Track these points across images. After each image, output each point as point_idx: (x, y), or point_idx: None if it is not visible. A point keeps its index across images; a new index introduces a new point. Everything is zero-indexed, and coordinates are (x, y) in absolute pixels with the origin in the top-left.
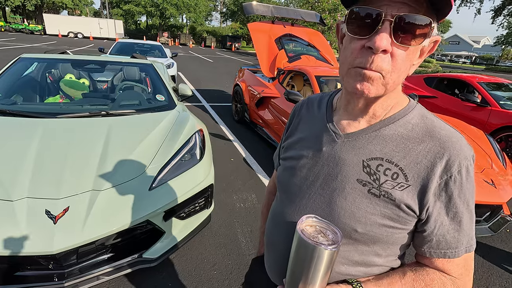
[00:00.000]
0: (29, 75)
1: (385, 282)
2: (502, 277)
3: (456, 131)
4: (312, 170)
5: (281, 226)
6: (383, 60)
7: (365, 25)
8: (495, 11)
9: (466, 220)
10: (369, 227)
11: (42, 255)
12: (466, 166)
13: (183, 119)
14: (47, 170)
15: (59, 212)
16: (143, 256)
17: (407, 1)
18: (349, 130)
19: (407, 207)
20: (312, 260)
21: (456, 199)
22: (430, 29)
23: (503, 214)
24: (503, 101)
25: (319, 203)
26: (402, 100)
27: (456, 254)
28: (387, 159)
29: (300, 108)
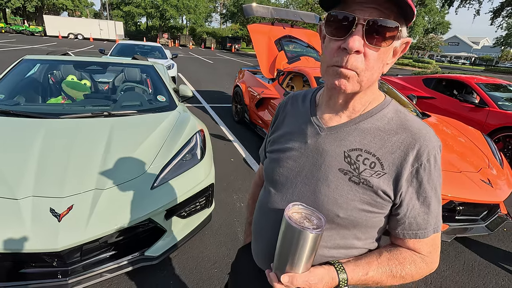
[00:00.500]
0: (32, 76)
1: (363, 262)
2: (499, 275)
3: (425, 124)
4: (298, 161)
5: (268, 215)
6: (357, 60)
7: (341, 27)
8: (494, 12)
9: (434, 203)
10: (350, 212)
11: (47, 252)
12: (434, 155)
13: (184, 120)
14: (51, 169)
15: (64, 210)
16: (145, 254)
17: (378, 6)
18: (331, 123)
19: (383, 193)
20: (298, 243)
21: (425, 185)
22: (398, 32)
23: (500, 213)
24: (501, 101)
25: (305, 191)
26: (378, 96)
27: (426, 235)
28: (365, 150)
29: (286, 104)
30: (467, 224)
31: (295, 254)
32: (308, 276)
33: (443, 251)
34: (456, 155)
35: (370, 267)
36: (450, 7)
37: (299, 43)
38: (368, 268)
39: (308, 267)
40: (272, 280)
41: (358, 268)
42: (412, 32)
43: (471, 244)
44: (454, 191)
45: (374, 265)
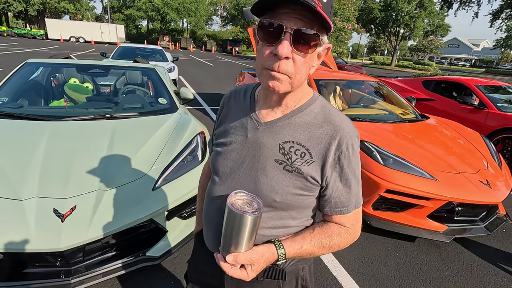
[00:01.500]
0: (35, 79)
1: (299, 237)
2: (497, 275)
3: (346, 117)
4: (240, 153)
5: (215, 203)
6: (287, 65)
7: (271, 34)
8: (493, 14)
9: (354, 184)
10: (285, 196)
11: (50, 252)
12: (351, 144)
13: (185, 122)
14: (55, 170)
15: (67, 210)
16: (147, 254)
17: (302, 17)
18: (267, 119)
19: (312, 178)
20: (240, 226)
21: (346, 169)
22: (320, 40)
23: (499, 214)
24: (500, 103)
25: (247, 181)
26: (307, 92)
27: (348, 210)
28: (296, 142)
29: (229, 99)
30: (466, 225)
31: (238, 236)
32: (250, 254)
33: (442, 252)
34: (455, 156)
35: (304, 241)
36: (449, 10)
37: None
38: (302, 242)
39: (250, 246)
40: (219, 260)
41: (294, 243)
42: (412, 35)
43: (470, 245)
44: (452, 192)
45: (307, 239)
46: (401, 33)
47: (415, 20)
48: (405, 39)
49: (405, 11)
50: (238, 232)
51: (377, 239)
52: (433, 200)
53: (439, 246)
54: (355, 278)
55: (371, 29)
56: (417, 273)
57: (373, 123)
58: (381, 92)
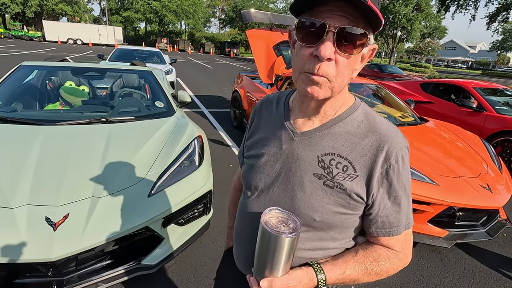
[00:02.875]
0: (30, 82)
1: (341, 261)
2: (499, 281)
3: (393, 126)
4: (274, 167)
5: (247, 220)
6: (329, 67)
7: (312, 34)
8: (490, 17)
9: (404, 202)
10: (325, 215)
11: (41, 262)
12: (401, 156)
13: (182, 126)
14: (47, 177)
15: (59, 219)
16: (142, 262)
17: (347, 14)
18: (304, 128)
19: (356, 195)
20: (276, 248)
21: (395, 185)
22: (367, 39)
23: (500, 218)
24: (499, 106)
25: (282, 196)
26: (348, 99)
27: (398, 232)
28: (338, 154)
29: (260, 108)
30: (466, 230)
31: (273, 259)
32: (287, 279)
33: (443, 257)
34: (455, 160)
35: (347, 266)
36: (446, 12)
37: None
38: (345, 267)
39: (287, 270)
40: (252, 284)
41: (335, 267)
42: (409, 37)
43: (471, 250)
44: (453, 197)
45: (351, 264)
46: (398, 36)
47: (412, 23)
48: (402, 42)
49: (402, 14)
50: (273, 255)
51: None
52: (433, 205)
53: (440, 251)
54: (355, 285)
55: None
56: (418, 280)
57: None
58: (379, 94)
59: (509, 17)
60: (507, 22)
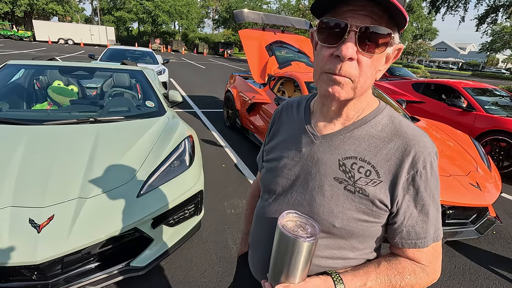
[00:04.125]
0: (16, 81)
1: (362, 272)
2: (489, 278)
3: (420, 130)
4: (293, 170)
5: (265, 224)
6: (351, 67)
7: (333, 34)
8: (479, 19)
9: (433, 211)
10: (346, 222)
11: (25, 266)
12: (430, 162)
13: (173, 126)
14: (32, 178)
15: (44, 220)
16: (131, 264)
17: (369, 13)
18: (325, 131)
19: (380, 202)
20: (293, 253)
21: (422, 192)
22: (391, 38)
23: (489, 216)
24: (488, 106)
25: (300, 201)
26: (372, 102)
27: (425, 244)
28: (360, 158)
29: (281, 112)
30: (457, 227)
31: (289, 264)
32: (303, 286)
33: None
34: (446, 159)
35: (369, 278)
36: (437, 14)
37: (290, 48)
38: (366, 278)
39: (303, 277)
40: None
41: (356, 278)
42: (401, 38)
43: (461, 248)
44: (443, 195)
45: (372, 276)
46: None
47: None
48: None
49: None
50: (290, 260)
51: None
52: None
53: None
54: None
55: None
56: None
57: None
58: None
59: (497, 19)
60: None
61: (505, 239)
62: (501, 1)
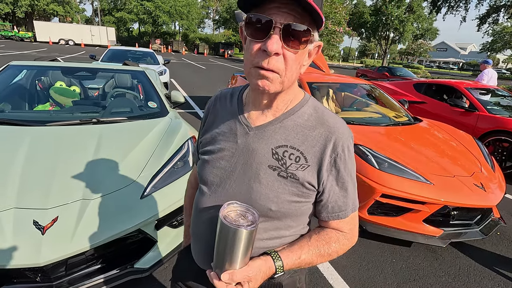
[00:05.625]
0: (18, 82)
1: (296, 247)
2: (494, 280)
3: (340, 118)
4: (230, 161)
5: (205, 215)
6: (278, 61)
7: (260, 29)
8: (480, 19)
9: (351, 187)
10: (281, 205)
11: (29, 267)
12: (347, 145)
13: (176, 126)
14: (36, 179)
15: (48, 222)
16: (135, 266)
17: (292, 12)
18: (258, 123)
19: (308, 184)
20: (235, 241)
21: (342, 172)
22: (311, 36)
23: (493, 217)
24: (490, 106)
25: (239, 190)
26: (298, 94)
27: (346, 215)
28: (290, 146)
29: (214, 103)
30: (461, 228)
31: (232, 252)
32: (246, 270)
33: (438, 257)
34: (449, 159)
35: (302, 251)
36: (437, 14)
37: None
38: (300, 252)
39: (246, 261)
40: (212, 278)
41: (292, 253)
42: (401, 38)
43: (466, 249)
44: (448, 196)
45: (305, 249)
46: (391, 37)
47: (405, 24)
48: (395, 43)
49: (395, 15)
50: (232, 248)
51: (373, 245)
52: (428, 204)
53: (435, 251)
54: (352, 286)
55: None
56: (415, 279)
57: (367, 126)
58: (373, 95)
59: (499, 19)
60: (497, 24)
61: (510, 240)
62: (502, 1)
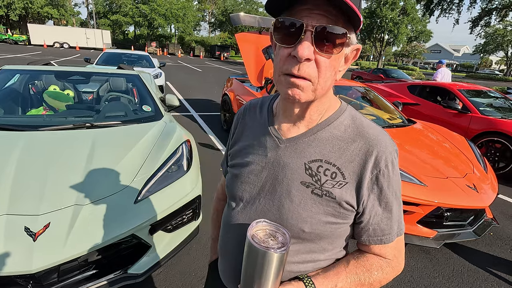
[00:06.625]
0: (11, 87)
1: (332, 273)
2: (487, 280)
3: (382, 130)
4: (259, 176)
5: (233, 233)
6: (309, 67)
7: (290, 34)
8: (473, 21)
9: (396, 208)
10: (315, 226)
11: (20, 275)
12: (391, 160)
13: (170, 130)
14: (28, 185)
15: (39, 228)
16: (128, 271)
17: (325, 13)
18: (289, 135)
19: (346, 203)
20: (264, 264)
21: (386, 191)
22: (347, 38)
23: (486, 217)
24: (483, 107)
25: (268, 207)
26: (334, 103)
27: (390, 239)
28: (325, 160)
29: (243, 114)
30: (455, 230)
31: (261, 275)
32: None
33: (432, 258)
34: (442, 161)
35: (339, 278)
36: (431, 16)
37: None
38: (337, 279)
39: (276, 286)
40: None
41: (327, 280)
42: (396, 40)
43: (459, 250)
44: (441, 197)
45: (342, 275)
46: (385, 39)
47: (399, 26)
48: (389, 45)
49: (389, 18)
50: (261, 271)
51: None
52: (422, 206)
53: (429, 252)
54: None
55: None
56: (409, 281)
57: None
58: (368, 97)
59: (491, 22)
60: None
61: (503, 240)
62: (494, 4)
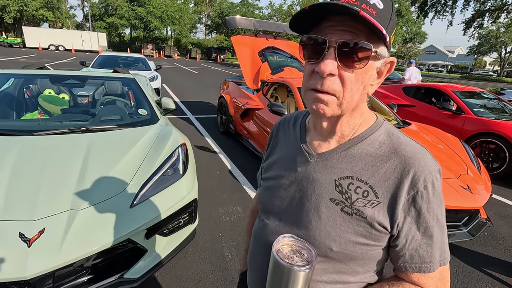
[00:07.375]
0: (5, 91)
1: None
2: (482, 280)
3: (421, 147)
4: (288, 190)
5: (261, 246)
6: (333, 83)
7: (314, 51)
8: (466, 23)
9: (437, 234)
10: (344, 245)
11: (14, 281)
12: (431, 181)
13: (166, 133)
14: (22, 190)
15: (34, 234)
16: (124, 276)
17: (349, 28)
18: (320, 150)
19: (379, 224)
20: (288, 282)
21: (425, 214)
22: (372, 52)
23: (481, 218)
24: (476, 108)
25: (297, 223)
26: (369, 118)
27: (431, 268)
28: (357, 178)
29: (278, 129)
30: (449, 230)
31: None
32: None
33: None
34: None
35: None
36: (425, 18)
37: (282, 54)
38: None
39: None
40: None
41: None
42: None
43: (454, 250)
44: None
45: None
46: None
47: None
48: None
49: None
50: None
51: None
52: None
53: None
54: None
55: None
56: None
57: None
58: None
59: (483, 23)
60: (482, 28)
61: (497, 240)
62: (486, 6)
